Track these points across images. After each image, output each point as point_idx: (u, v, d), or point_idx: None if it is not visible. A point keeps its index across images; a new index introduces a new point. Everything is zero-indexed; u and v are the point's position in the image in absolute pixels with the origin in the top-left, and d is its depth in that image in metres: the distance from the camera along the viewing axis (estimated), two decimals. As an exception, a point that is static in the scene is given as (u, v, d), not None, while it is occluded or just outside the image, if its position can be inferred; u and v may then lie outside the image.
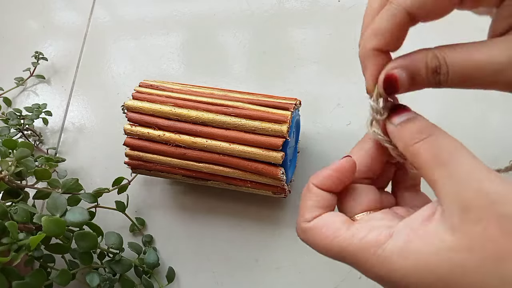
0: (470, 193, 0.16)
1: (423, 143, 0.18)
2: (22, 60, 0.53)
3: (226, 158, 0.35)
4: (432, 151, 0.18)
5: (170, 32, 0.52)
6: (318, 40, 0.47)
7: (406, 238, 0.17)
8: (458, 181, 0.17)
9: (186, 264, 0.41)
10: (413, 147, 0.19)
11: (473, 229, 0.15)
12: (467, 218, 0.16)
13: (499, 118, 0.39)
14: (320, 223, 0.20)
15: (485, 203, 0.15)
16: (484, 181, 0.16)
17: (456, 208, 0.16)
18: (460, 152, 0.17)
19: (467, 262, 0.15)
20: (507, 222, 0.15)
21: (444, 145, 0.18)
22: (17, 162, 0.34)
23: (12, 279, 0.31)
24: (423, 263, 0.16)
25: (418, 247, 0.17)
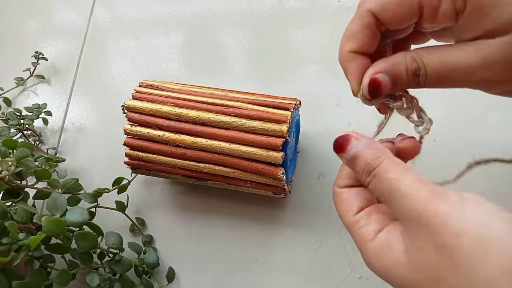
0: (414, 223, 0.18)
1: (372, 184, 0.21)
2: (22, 60, 0.53)
3: (226, 158, 0.35)
4: (379, 190, 0.20)
5: (170, 32, 0.52)
6: (318, 40, 0.47)
7: (380, 246, 0.20)
8: (404, 214, 0.19)
9: (186, 264, 0.41)
10: (369, 187, 0.21)
11: (420, 254, 0.18)
12: (415, 245, 0.18)
13: (500, 118, 0.39)
14: (343, 196, 0.23)
15: (426, 233, 0.17)
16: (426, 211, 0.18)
17: (408, 234, 0.19)
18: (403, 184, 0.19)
19: (416, 279, 0.18)
20: (444, 249, 0.17)
21: (386, 184, 0.20)
22: (17, 162, 0.34)
23: (12, 279, 0.31)
24: (386, 270, 0.19)
25: (384, 257, 0.19)
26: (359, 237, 0.21)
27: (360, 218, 0.22)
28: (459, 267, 0.16)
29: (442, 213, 0.17)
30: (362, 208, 0.22)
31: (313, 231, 0.39)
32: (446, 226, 0.17)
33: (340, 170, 0.24)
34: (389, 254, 0.19)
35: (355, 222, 0.22)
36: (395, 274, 0.19)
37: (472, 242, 0.16)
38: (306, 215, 0.40)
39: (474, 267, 0.16)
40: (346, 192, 0.23)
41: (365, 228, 0.21)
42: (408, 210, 0.18)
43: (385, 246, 0.20)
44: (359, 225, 0.21)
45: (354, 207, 0.22)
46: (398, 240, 0.19)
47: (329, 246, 0.39)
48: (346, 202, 0.23)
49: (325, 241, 0.39)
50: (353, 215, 0.22)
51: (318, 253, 0.39)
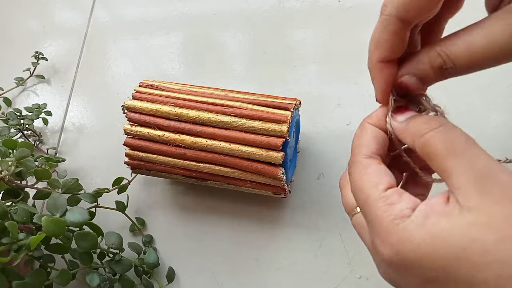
0: (489, 179, 0.17)
1: (435, 133, 0.19)
2: (22, 60, 0.53)
3: (226, 158, 0.35)
4: (445, 141, 0.18)
5: (170, 32, 0.52)
6: (318, 40, 0.47)
7: (425, 215, 0.18)
8: (476, 169, 0.17)
9: (186, 264, 0.41)
10: (423, 137, 0.19)
11: (493, 208, 0.16)
12: (486, 200, 0.16)
13: (500, 118, 0.39)
14: (372, 168, 0.21)
15: (503, 188, 0.16)
16: (496, 169, 0.17)
17: (475, 192, 0.17)
18: (473, 144, 0.18)
19: (487, 237, 0.16)
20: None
21: (457, 136, 0.18)
22: (17, 162, 0.34)
23: (12, 279, 0.31)
24: (439, 237, 0.17)
25: (436, 223, 0.17)
26: (387, 213, 0.19)
27: (390, 195, 0.19)
28: None
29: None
30: (391, 186, 0.20)
31: (313, 231, 0.39)
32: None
33: (359, 139, 0.22)
34: (438, 219, 0.17)
35: (384, 197, 0.19)
36: (452, 239, 0.16)
37: None
38: (306, 215, 0.40)
39: None
40: (375, 165, 0.21)
41: (398, 205, 0.19)
42: (483, 165, 0.17)
43: (430, 213, 0.18)
44: (389, 201, 0.19)
45: (384, 182, 0.20)
46: (449, 204, 0.17)
47: (329, 246, 0.39)
48: (375, 175, 0.20)
49: (325, 241, 0.39)
50: (383, 190, 0.20)
51: (318, 253, 0.39)
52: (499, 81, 0.40)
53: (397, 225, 0.18)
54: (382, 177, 0.20)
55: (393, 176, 0.21)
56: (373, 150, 0.22)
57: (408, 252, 0.17)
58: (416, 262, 0.17)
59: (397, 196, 0.19)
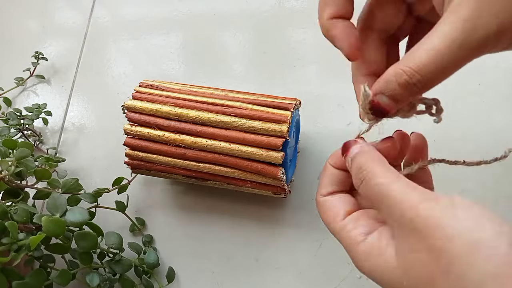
0: (406, 227, 0.18)
1: (361, 188, 0.21)
2: (22, 60, 0.53)
3: (226, 158, 0.35)
4: (368, 195, 0.20)
5: (170, 32, 0.52)
6: (318, 40, 0.46)
7: (372, 247, 0.20)
8: (395, 218, 0.19)
9: (186, 264, 0.41)
10: (359, 189, 0.21)
11: (411, 257, 0.18)
12: (406, 248, 0.18)
13: (501, 118, 0.39)
14: (327, 204, 0.23)
15: (418, 237, 0.18)
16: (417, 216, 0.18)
17: (399, 236, 0.19)
18: (393, 188, 0.19)
19: (405, 282, 0.18)
20: (435, 253, 0.17)
21: (375, 189, 0.20)
22: (17, 162, 0.34)
23: (12, 279, 0.31)
24: (376, 273, 0.19)
25: (374, 261, 0.20)
26: (347, 240, 0.21)
27: (347, 223, 0.22)
28: (450, 271, 0.16)
29: (434, 217, 0.17)
30: (349, 213, 0.22)
31: (313, 231, 0.39)
32: (437, 230, 0.17)
33: (321, 179, 0.25)
34: (379, 256, 0.19)
35: (343, 226, 0.22)
36: (384, 276, 0.19)
37: (463, 246, 0.16)
38: (306, 215, 0.40)
39: (464, 271, 0.16)
40: (330, 200, 0.23)
41: (353, 232, 0.21)
42: (400, 215, 0.18)
43: (375, 248, 0.20)
44: (347, 229, 0.21)
45: (341, 212, 0.22)
46: (389, 243, 0.19)
47: (329, 246, 0.39)
48: (332, 209, 0.23)
49: (325, 241, 0.39)
50: (341, 220, 0.22)
51: (318, 253, 0.39)
52: (499, 81, 0.40)
53: (353, 250, 0.21)
54: (339, 208, 0.23)
55: (351, 201, 0.23)
56: (329, 190, 0.24)
57: (365, 273, 0.20)
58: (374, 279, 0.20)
59: (353, 223, 0.21)
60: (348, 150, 0.23)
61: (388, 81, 0.20)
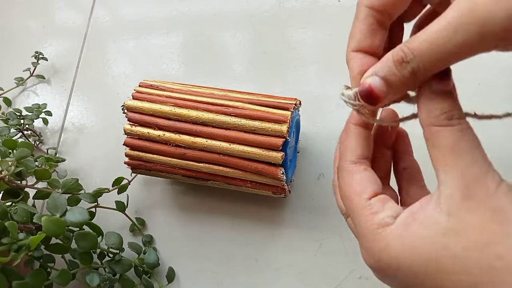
0: (475, 188, 0.17)
1: (451, 129, 0.18)
2: (22, 60, 0.53)
3: (226, 158, 0.35)
4: (453, 140, 0.18)
5: (170, 32, 0.52)
6: (318, 40, 0.47)
7: (405, 222, 0.18)
8: (467, 176, 0.17)
9: (186, 264, 0.41)
10: (436, 128, 0.19)
11: (469, 217, 0.17)
12: (465, 206, 0.17)
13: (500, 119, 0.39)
14: (357, 176, 0.21)
15: (485, 197, 0.17)
16: (487, 176, 0.17)
17: (459, 196, 0.17)
18: (477, 150, 0.18)
19: (457, 245, 0.17)
20: (500, 214, 0.16)
21: (467, 138, 0.18)
22: (17, 162, 0.34)
23: (12, 279, 0.31)
24: (416, 246, 0.17)
25: (414, 230, 0.18)
26: (371, 222, 0.19)
27: (373, 204, 0.20)
28: (510, 233, 0.16)
29: (503, 183, 0.17)
30: (376, 194, 0.20)
31: (313, 231, 0.39)
32: (505, 192, 0.17)
33: (346, 142, 0.22)
34: (416, 228, 0.18)
35: (368, 206, 0.20)
36: (427, 248, 0.17)
37: None
38: (306, 215, 0.40)
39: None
40: (360, 173, 0.21)
41: (381, 214, 0.19)
42: (475, 172, 0.17)
43: (410, 222, 0.18)
44: (373, 210, 0.20)
45: (368, 190, 0.20)
46: (433, 210, 0.18)
47: (329, 246, 0.39)
48: (360, 183, 0.21)
49: (325, 241, 0.39)
50: (367, 199, 0.20)
51: (318, 253, 0.39)
52: (499, 81, 0.40)
53: (378, 234, 0.19)
54: (367, 185, 0.21)
55: (378, 182, 0.21)
56: (358, 154, 0.22)
57: (388, 260, 0.18)
58: (395, 270, 0.18)
59: (380, 205, 0.20)
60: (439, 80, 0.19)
61: (384, 61, 0.19)
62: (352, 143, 0.22)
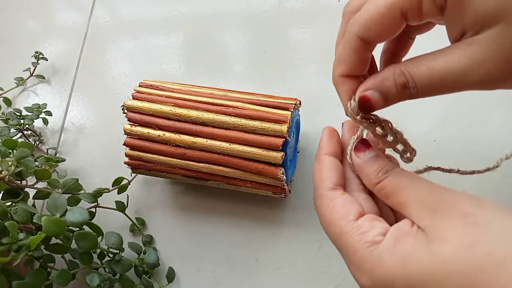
0: (435, 201, 0.19)
1: (388, 178, 0.21)
2: (22, 60, 0.53)
3: (226, 158, 0.35)
4: (396, 182, 0.21)
5: (170, 32, 0.52)
6: (318, 40, 0.47)
7: (394, 238, 0.19)
8: (423, 196, 0.19)
9: (186, 264, 0.41)
10: (380, 184, 0.22)
11: (443, 224, 0.18)
12: (438, 218, 0.18)
13: (500, 118, 0.39)
14: (338, 200, 0.22)
15: (448, 205, 0.18)
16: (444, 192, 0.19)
17: (426, 214, 0.19)
18: (419, 178, 0.21)
19: (443, 252, 0.17)
20: (470, 217, 0.18)
21: (405, 175, 0.21)
22: (17, 162, 0.34)
23: (12, 279, 0.31)
24: (408, 257, 0.18)
25: (404, 245, 0.19)
26: (361, 242, 0.20)
27: (361, 224, 0.21)
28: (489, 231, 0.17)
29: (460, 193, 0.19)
30: (362, 214, 0.21)
31: (313, 231, 0.39)
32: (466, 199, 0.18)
33: (321, 171, 0.24)
34: (405, 242, 0.19)
35: (357, 227, 0.20)
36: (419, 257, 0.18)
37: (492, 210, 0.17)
38: (306, 215, 0.40)
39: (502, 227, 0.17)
40: (340, 197, 0.22)
41: (371, 233, 0.20)
42: (428, 190, 0.19)
43: (399, 236, 0.19)
44: (362, 230, 0.20)
45: (352, 212, 0.21)
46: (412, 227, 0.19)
47: (329, 246, 0.38)
48: (343, 206, 0.22)
49: (325, 241, 0.39)
50: (354, 220, 0.21)
51: (318, 253, 0.39)
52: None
53: (371, 252, 0.19)
54: (350, 208, 0.22)
55: (359, 202, 0.22)
56: (335, 181, 0.23)
57: (382, 277, 0.19)
58: (389, 284, 0.19)
59: (369, 224, 0.21)
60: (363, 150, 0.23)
61: (385, 79, 0.21)
62: (327, 172, 0.24)
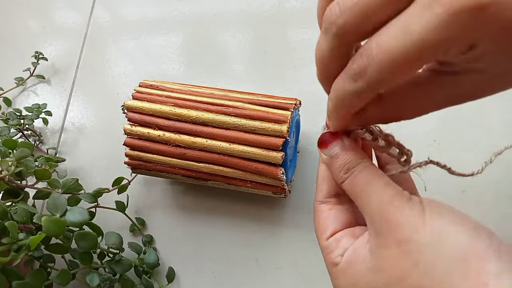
0: (378, 221, 0.18)
1: (347, 180, 0.21)
2: (22, 60, 0.53)
3: (226, 158, 0.35)
4: (351, 186, 0.20)
5: (170, 32, 0.52)
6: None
7: (348, 260, 0.20)
8: (372, 212, 0.19)
9: (186, 264, 0.41)
10: (342, 184, 0.21)
11: (383, 253, 0.18)
12: (378, 243, 0.18)
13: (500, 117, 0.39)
14: (322, 216, 0.23)
15: (388, 231, 0.18)
16: (389, 210, 0.18)
17: (372, 233, 0.19)
18: (373, 183, 0.19)
19: (379, 282, 0.18)
20: (404, 245, 0.17)
21: (361, 179, 0.20)
22: (17, 162, 0.34)
23: (12, 279, 0.31)
24: (356, 283, 0.19)
25: (353, 268, 0.19)
26: (328, 261, 0.21)
27: (330, 244, 0.21)
28: (418, 262, 0.16)
29: (406, 210, 0.18)
30: (335, 233, 0.22)
31: (313, 231, 0.39)
32: (407, 221, 0.17)
33: (319, 183, 0.24)
34: (354, 266, 0.19)
35: (326, 247, 0.22)
36: (362, 282, 0.19)
37: (430, 235, 0.17)
38: (306, 215, 0.40)
39: (432, 260, 0.16)
40: (325, 212, 0.23)
41: (333, 253, 0.21)
42: (374, 209, 0.19)
43: (351, 259, 0.20)
44: (328, 250, 0.21)
45: (328, 231, 0.22)
46: (364, 247, 0.19)
47: (329, 246, 0.39)
48: (322, 224, 0.23)
49: (325, 241, 0.39)
50: (326, 240, 0.22)
51: (318, 253, 0.39)
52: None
53: (333, 273, 0.21)
54: (328, 225, 0.22)
55: (342, 219, 0.22)
56: (325, 193, 0.23)
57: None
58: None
59: (335, 244, 0.21)
60: (332, 141, 0.22)
61: None
62: (319, 182, 0.24)
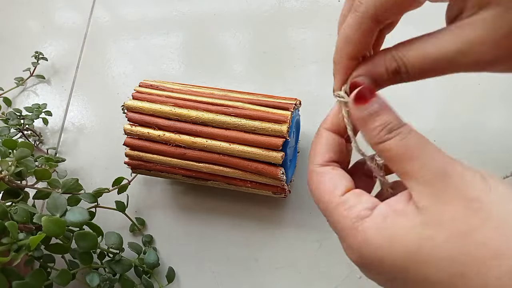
0: (441, 180, 0.17)
1: (393, 140, 0.19)
2: (22, 60, 0.53)
3: (226, 158, 0.35)
4: (402, 147, 0.19)
5: (170, 32, 0.52)
6: (318, 40, 0.47)
7: (384, 215, 0.18)
8: (430, 171, 0.18)
9: (186, 264, 0.41)
10: (382, 144, 0.19)
11: (443, 208, 0.17)
12: (438, 200, 0.17)
13: (500, 117, 0.39)
14: (327, 176, 0.21)
15: (453, 187, 0.17)
16: (453, 172, 0.17)
17: (428, 194, 0.17)
18: (428, 146, 0.18)
19: (437, 236, 0.17)
20: (473, 203, 0.16)
21: (413, 141, 0.19)
22: (17, 162, 0.34)
23: (12, 279, 0.31)
24: (396, 237, 0.17)
25: (393, 223, 0.18)
26: (348, 217, 0.19)
27: (348, 199, 0.20)
28: (488, 219, 0.16)
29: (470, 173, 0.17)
30: (349, 189, 0.20)
31: (313, 231, 0.39)
32: (473, 183, 0.17)
33: (314, 147, 0.23)
34: (393, 219, 0.18)
35: (343, 202, 0.20)
36: (407, 238, 0.17)
37: (498, 196, 0.16)
38: (306, 215, 0.40)
39: (505, 217, 0.16)
40: (330, 172, 0.21)
41: (357, 207, 0.19)
42: (435, 169, 0.17)
43: (387, 213, 0.18)
44: (348, 205, 0.19)
45: (339, 187, 0.20)
46: (406, 204, 0.18)
47: (329, 246, 0.39)
48: (330, 181, 0.21)
49: (325, 241, 0.39)
50: (340, 196, 0.20)
51: (318, 253, 0.39)
52: (499, 81, 0.40)
53: (356, 228, 0.19)
54: (338, 182, 0.21)
55: (349, 178, 0.21)
56: (327, 158, 0.22)
57: (369, 254, 0.18)
58: (378, 263, 0.18)
59: (355, 199, 0.20)
60: (373, 97, 0.20)
61: (376, 65, 0.21)
62: (322, 147, 0.22)
